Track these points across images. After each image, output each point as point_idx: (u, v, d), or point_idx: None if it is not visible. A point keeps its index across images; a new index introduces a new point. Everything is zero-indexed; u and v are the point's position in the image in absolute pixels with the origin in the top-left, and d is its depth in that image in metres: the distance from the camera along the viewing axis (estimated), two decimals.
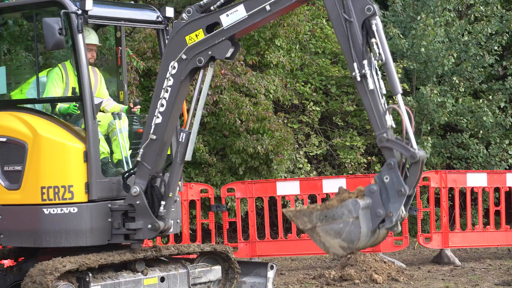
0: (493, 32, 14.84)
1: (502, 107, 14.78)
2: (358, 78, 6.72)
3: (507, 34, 14.83)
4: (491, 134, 14.73)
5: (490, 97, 14.67)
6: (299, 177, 13.29)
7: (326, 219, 6.63)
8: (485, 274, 10.59)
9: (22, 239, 7.65)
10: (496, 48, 14.83)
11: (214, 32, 7.28)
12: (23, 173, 7.60)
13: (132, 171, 7.71)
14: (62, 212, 7.47)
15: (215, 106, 12.73)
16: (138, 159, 7.55)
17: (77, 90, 7.77)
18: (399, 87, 6.71)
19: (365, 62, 6.70)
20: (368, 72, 6.70)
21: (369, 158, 14.31)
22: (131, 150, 8.12)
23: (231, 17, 7.18)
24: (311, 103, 14.36)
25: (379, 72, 6.76)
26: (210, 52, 7.27)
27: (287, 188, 11.66)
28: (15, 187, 7.65)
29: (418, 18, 14.21)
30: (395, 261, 10.98)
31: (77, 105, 7.80)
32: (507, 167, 14.48)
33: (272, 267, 8.66)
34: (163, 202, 7.56)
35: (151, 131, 7.46)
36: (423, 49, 14.11)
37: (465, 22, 14.84)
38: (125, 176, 7.76)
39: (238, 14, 7.15)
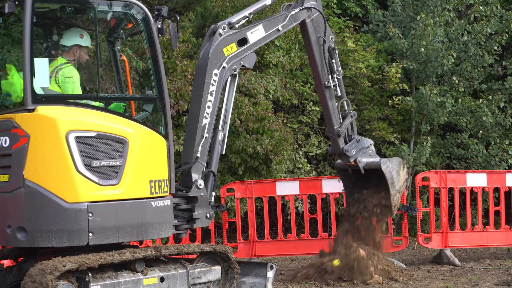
0: (493, 32, 14.84)
1: (501, 107, 14.78)
2: (332, 86, 9.83)
3: (506, 34, 14.83)
4: (490, 134, 14.73)
5: (490, 97, 14.66)
6: (299, 177, 13.29)
7: (393, 184, 9.82)
8: (484, 274, 10.59)
9: (120, 235, 7.59)
10: (495, 48, 14.83)
11: (245, 46, 9.01)
12: (123, 168, 7.60)
13: (187, 168, 8.54)
14: (164, 204, 7.90)
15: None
16: (198, 155, 8.55)
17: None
18: (345, 95, 10.07)
19: (335, 75, 9.82)
20: (337, 83, 9.86)
21: None
22: None
23: (254, 35, 9.12)
24: (311, 103, 14.36)
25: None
26: (242, 62, 8.99)
27: (287, 188, 11.67)
28: (113, 183, 7.56)
29: (418, 18, 14.21)
30: (395, 261, 10.98)
31: (125, 105, 8.42)
32: (507, 167, 14.48)
33: (271, 267, 8.68)
34: (213, 193, 8.66)
35: (206, 131, 8.64)
36: (422, 49, 14.10)
37: (464, 22, 14.84)
38: (177, 172, 8.50)
39: (259, 33, 9.16)
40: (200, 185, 8.47)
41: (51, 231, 7.38)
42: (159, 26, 8.08)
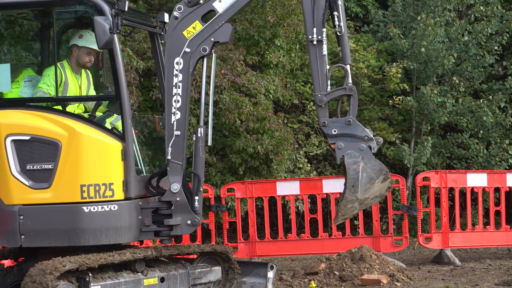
0: (493, 32, 14.82)
1: (502, 107, 14.76)
2: (315, 42, 7.76)
3: (507, 34, 14.82)
4: (491, 134, 14.72)
5: (490, 97, 14.65)
6: (299, 177, 13.28)
7: (354, 187, 7.71)
8: (485, 274, 10.59)
9: (51, 239, 7.55)
10: (496, 48, 14.82)
11: (212, 19, 7.77)
12: (55, 171, 7.55)
13: (163, 171, 7.95)
14: (103, 209, 7.56)
15: (215, 106, 12.72)
16: (168, 157, 7.83)
17: (72, 90, 7.98)
18: (350, 58, 7.97)
19: (324, 30, 7.76)
20: (325, 40, 7.77)
21: None
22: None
23: (224, 2, 7.75)
24: (311, 103, 14.35)
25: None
26: (213, 39, 7.79)
27: (287, 188, 11.66)
28: (44, 186, 7.57)
29: (418, 18, 14.20)
30: (395, 261, 10.97)
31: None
32: (507, 167, 14.46)
33: (272, 267, 8.66)
34: (196, 197, 7.87)
35: (174, 128, 7.80)
36: (423, 49, 14.09)
37: (465, 22, 14.83)
38: (154, 177, 8.01)
39: None
40: (175, 189, 7.85)
41: None
42: (117, 21, 7.53)
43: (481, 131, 14.68)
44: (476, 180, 11.79)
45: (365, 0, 15.93)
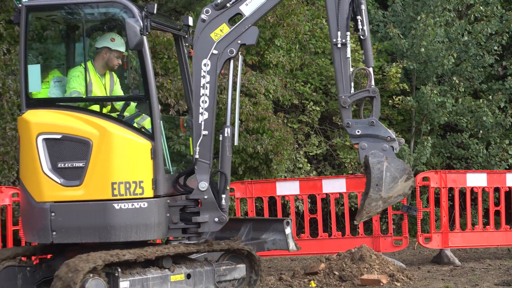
0: (493, 32, 14.84)
1: (502, 107, 14.78)
2: (339, 45, 8.26)
3: (507, 34, 14.84)
4: (491, 134, 14.74)
5: (490, 97, 14.67)
6: (299, 177, 13.29)
7: (378, 186, 8.07)
8: (485, 274, 10.58)
9: (83, 235, 7.72)
10: (496, 48, 14.84)
11: (239, 22, 8.05)
12: (86, 169, 7.72)
13: (190, 170, 8.20)
14: (133, 207, 7.76)
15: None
16: (196, 156, 8.08)
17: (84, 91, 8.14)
18: (373, 62, 8.41)
19: (348, 33, 8.27)
20: (349, 43, 8.27)
21: None
22: None
23: (251, 5, 8.05)
24: (311, 103, 14.36)
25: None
26: (239, 41, 8.07)
27: (287, 188, 11.66)
28: (75, 184, 7.73)
29: (418, 18, 14.22)
30: (395, 261, 10.96)
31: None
32: (507, 167, 14.48)
33: (288, 223, 8.80)
34: (223, 195, 8.11)
35: (202, 128, 8.10)
36: (423, 49, 14.11)
37: (465, 22, 14.85)
38: (182, 176, 8.24)
39: (258, 1, 8.04)
40: (203, 187, 8.10)
41: (28, 228, 7.92)
42: (146, 23, 7.81)
43: (481, 131, 14.70)
44: (476, 180, 11.79)
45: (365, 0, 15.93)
